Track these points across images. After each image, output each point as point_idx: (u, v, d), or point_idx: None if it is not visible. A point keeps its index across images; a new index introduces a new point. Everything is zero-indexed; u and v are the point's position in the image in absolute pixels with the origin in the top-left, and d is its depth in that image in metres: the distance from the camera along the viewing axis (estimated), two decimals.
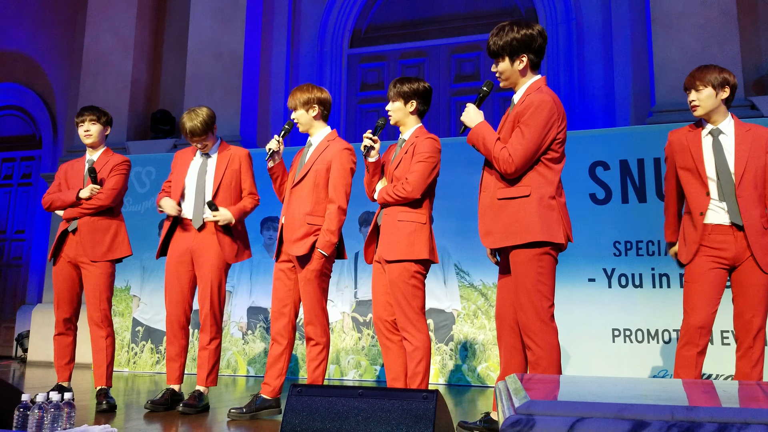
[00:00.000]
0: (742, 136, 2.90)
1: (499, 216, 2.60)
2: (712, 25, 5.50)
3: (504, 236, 2.58)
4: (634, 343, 4.68)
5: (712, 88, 2.89)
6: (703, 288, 2.84)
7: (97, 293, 3.61)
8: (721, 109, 2.92)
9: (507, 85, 2.74)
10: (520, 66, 2.66)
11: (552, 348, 2.53)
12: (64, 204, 3.67)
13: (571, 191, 4.66)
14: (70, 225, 3.66)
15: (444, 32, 6.97)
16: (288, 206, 3.29)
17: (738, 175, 2.84)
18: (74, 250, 3.64)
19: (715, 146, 2.91)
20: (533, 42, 2.64)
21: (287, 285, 3.31)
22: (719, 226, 2.86)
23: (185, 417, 3.25)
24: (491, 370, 4.95)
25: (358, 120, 7.14)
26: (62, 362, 3.67)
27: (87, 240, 3.62)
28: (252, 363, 5.54)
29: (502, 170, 2.58)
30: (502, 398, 1.42)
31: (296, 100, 3.34)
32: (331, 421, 1.74)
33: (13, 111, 8.47)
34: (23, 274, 7.99)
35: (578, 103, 6.25)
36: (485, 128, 2.67)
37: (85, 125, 3.74)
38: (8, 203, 8.24)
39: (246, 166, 3.67)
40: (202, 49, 6.95)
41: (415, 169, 2.96)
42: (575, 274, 4.83)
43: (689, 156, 2.93)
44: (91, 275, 3.62)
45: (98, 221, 3.67)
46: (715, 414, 1.11)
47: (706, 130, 2.95)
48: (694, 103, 2.93)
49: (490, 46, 2.69)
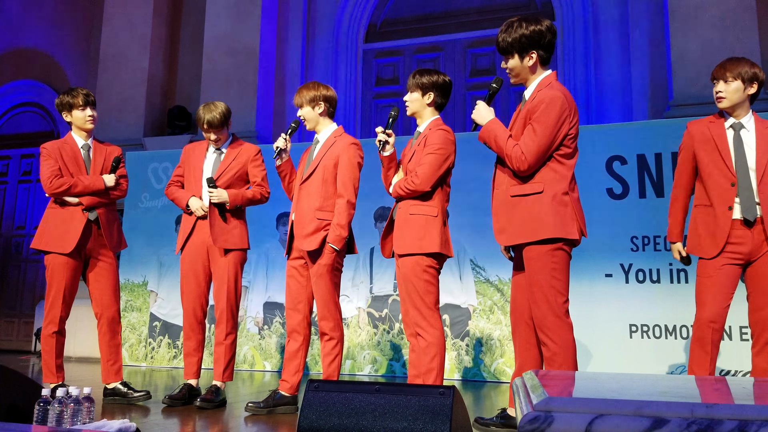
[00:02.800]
0: (763, 132, 2.86)
1: (512, 213, 2.60)
2: (730, 17, 5.42)
3: (518, 233, 2.58)
4: (651, 338, 4.65)
5: (741, 81, 2.84)
6: (716, 283, 2.81)
7: (113, 285, 3.56)
8: (745, 104, 2.88)
9: (517, 81, 2.72)
10: (530, 62, 2.65)
11: (567, 344, 2.52)
12: (91, 190, 3.49)
13: (588, 186, 4.63)
14: (90, 215, 3.50)
15: (459, 26, 6.94)
16: (297, 203, 3.32)
17: (759, 170, 2.80)
18: (92, 240, 3.52)
19: (735, 140, 2.87)
20: (542, 38, 2.62)
21: (300, 282, 3.34)
22: (736, 221, 2.83)
23: (203, 412, 3.28)
24: (507, 366, 4.94)
25: (373, 115, 7.13)
26: (59, 361, 3.48)
27: (107, 230, 3.55)
28: (268, 358, 5.57)
29: (515, 168, 2.58)
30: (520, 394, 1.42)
31: (302, 98, 3.38)
32: (347, 417, 1.75)
33: (32, 107, 8.57)
34: (42, 270, 8.08)
35: (595, 97, 6.20)
36: (496, 125, 2.66)
37: (89, 110, 3.59)
38: (27, 199, 8.34)
39: (255, 161, 3.66)
40: (217, 45, 6.98)
41: (424, 161, 2.93)
42: (592, 269, 4.79)
43: (714, 147, 2.88)
44: (106, 268, 3.56)
45: (110, 212, 3.62)
46: (735, 411, 1.10)
47: (728, 123, 2.90)
48: (720, 94, 2.87)
49: (499, 42, 2.68)
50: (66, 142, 3.61)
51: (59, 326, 3.47)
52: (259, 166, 3.67)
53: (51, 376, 3.47)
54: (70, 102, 3.58)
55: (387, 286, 5.39)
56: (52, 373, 3.47)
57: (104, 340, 3.56)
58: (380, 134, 3.04)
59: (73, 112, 3.58)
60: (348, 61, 7.17)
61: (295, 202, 3.34)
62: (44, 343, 3.48)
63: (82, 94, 3.58)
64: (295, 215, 3.30)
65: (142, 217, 6.17)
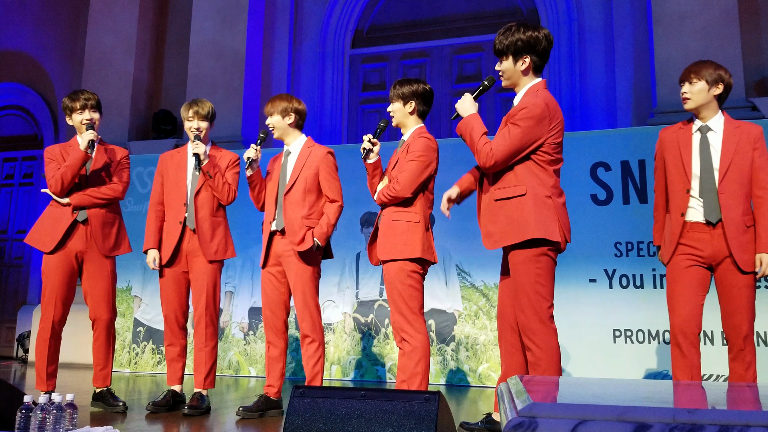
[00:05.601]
0: (731, 132, 2.87)
1: (497, 216, 2.62)
2: (713, 26, 5.50)
3: (502, 236, 2.60)
4: (635, 343, 4.69)
5: (705, 82, 2.88)
6: (683, 286, 2.84)
7: (106, 290, 3.49)
8: (712, 105, 2.91)
9: (508, 84, 2.75)
10: (523, 66, 2.67)
11: (552, 349, 2.53)
12: (75, 164, 3.37)
13: (573, 192, 4.66)
14: (78, 215, 3.44)
15: (446, 33, 6.98)
16: (285, 212, 3.37)
17: (722, 171, 2.82)
18: (82, 242, 3.45)
19: (702, 143, 2.90)
20: (538, 44, 2.65)
21: (278, 289, 3.41)
22: (696, 224, 2.85)
23: (188, 418, 3.25)
24: (492, 371, 4.95)
25: (360, 121, 7.14)
26: (51, 368, 3.39)
27: (98, 233, 3.47)
28: (253, 363, 5.55)
29: (481, 163, 2.63)
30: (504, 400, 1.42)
31: (275, 107, 3.47)
32: (333, 423, 1.75)
33: (15, 111, 8.48)
34: (24, 274, 8.00)
35: (579, 103, 6.26)
36: (475, 121, 2.68)
37: (87, 113, 3.52)
38: (9, 203, 8.25)
39: (233, 167, 3.64)
40: (203, 49, 6.96)
41: (405, 168, 2.98)
42: (576, 274, 4.83)
43: (678, 152, 2.93)
44: (100, 271, 3.47)
45: (106, 214, 3.53)
46: (716, 416, 1.12)
47: (695, 127, 2.94)
48: (686, 95, 2.93)
49: (495, 44, 2.72)
50: (69, 145, 3.57)
51: (52, 331, 3.38)
52: (234, 170, 3.65)
53: (41, 383, 3.39)
54: (69, 105, 3.55)
55: (373, 292, 5.39)
56: (42, 380, 3.39)
57: (95, 345, 3.52)
58: (365, 142, 3.08)
59: (73, 115, 3.54)
60: (335, 66, 7.18)
61: (281, 212, 3.39)
62: (36, 349, 3.41)
63: (82, 98, 3.53)
64: (285, 225, 3.35)
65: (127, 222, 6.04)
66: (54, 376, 3.44)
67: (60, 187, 3.39)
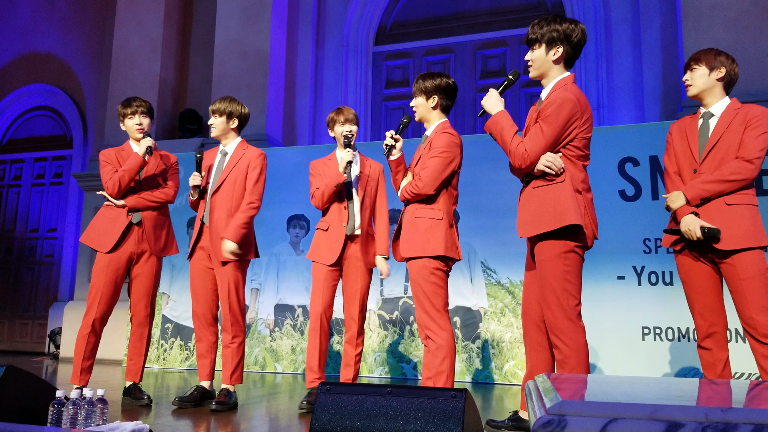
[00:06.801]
0: (728, 114, 2.81)
1: (533, 203, 2.59)
2: (744, 18, 5.39)
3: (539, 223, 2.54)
4: (664, 341, 4.62)
5: (705, 67, 2.84)
6: (690, 288, 2.83)
7: (149, 290, 3.65)
8: (715, 91, 2.85)
9: (536, 75, 2.71)
10: (555, 56, 2.64)
11: (580, 347, 2.50)
12: (133, 168, 3.55)
13: (600, 188, 4.60)
14: (133, 217, 3.60)
15: (469, 28, 6.93)
16: (211, 213, 3.55)
17: (705, 152, 2.78)
18: (136, 243, 3.61)
19: (702, 129, 2.86)
20: (573, 35, 2.63)
21: (207, 281, 3.60)
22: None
23: (215, 414, 3.29)
24: (518, 368, 4.92)
25: (383, 118, 7.14)
26: (87, 364, 3.49)
27: (151, 234, 3.64)
28: (279, 360, 5.59)
29: (516, 165, 2.60)
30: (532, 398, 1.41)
31: (222, 109, 3.62)
32: (359, 419, 1.75)
33: (45, 111, 8.65)
34: (55, 272, 8.15)
35: (607, 98, 6.17)
36: (505, 119, 2.65)
37: (137, 118, 3.69)
38: (40, 202, 8.41)
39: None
40: (228, 49, 7.02)
41: (428, 165, 2.94)
42: (604, 271, 4.77)
43: (685, 138, 2.89)
44: (146, 271, 3.64)
45: (158, 216, 3.70)
46: (750, 416, 1.09)
47: (701, 114, 2.90)
48: (687, 82, 2.90)
49: (528, 34, 2.69)
50: (123, 149, 3.73)
51: (92, 328, 3.48)
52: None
53: (75, 378, 3.50)
54: (122, 111, 3.72)
55: (397, 289, 5.39)
56: (76, 375, 3.50)
57: (131, 340, 3.70)
58: (388, 138, 3.06)
59: (125, 120, 3.71)
60: (358, 63, 7.18)
61: (209, 211, 3.57)
62: (76, 344, 3.53)
63: (134, 104, 3.70)
64: (210, 224, 3.54)
65: None
66: (89, 372, 3.54)
67: (117, 189, 3.56)
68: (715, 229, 2.66)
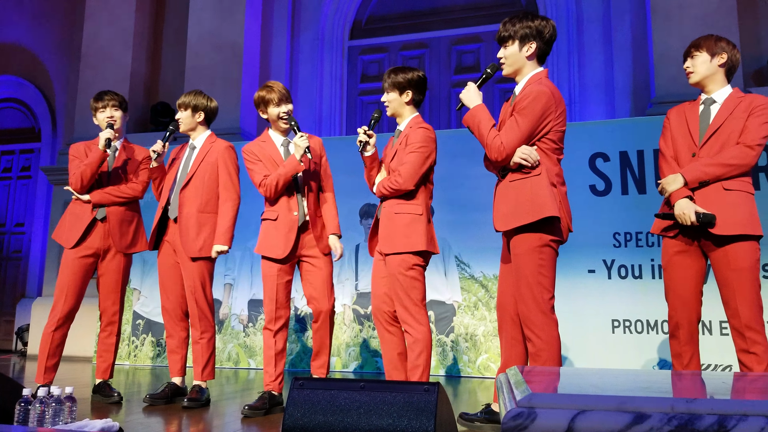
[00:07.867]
0: (731, 101, 2.79)
1: (510, 197, 2.59)
2: (711, 16, 5.49)
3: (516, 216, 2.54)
4: (633, 333, 4.70)
5: (707, 53, 2.82)
6: (670, 276, 2.81)
7: (116, 286, 3.60)
8: (717, 77, 2.83)
9: (509, 72, 2.72)
10: (528, 52, 2.66)
11: (552, 340, 2.53)
12: (95, 162, 3.46)
13: (571, 183, 4.63)
14: (97, 213, 3.54)
15: (445, 23, 6.95)
16: (180, 207, 3.50)
17: (705, 137, 2.76)
18: (100, 239, 3.55)
19: (703, 114, 2.83)
20: (545, 31, 2.65)
21: (175, 276, 3.56)
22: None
23: (187, 411, 3.26)
24: (492, 362, 4.96)
25: (359, 112, 7.13)
26: (52, 362, 3.43)
27: (116, 230, 3.57)
28: (253, 356, 5.56)
29: (492, 158, 2.61)
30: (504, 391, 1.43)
31: (187, 102, 3.59)
32: (333, 414, 1.75)
33: (12, 104, 8.46)
34: (23, 268, 8.00)
35: (578, 94, 6.24)
36: (483, 112, 2.66)
37: (108, 111, 3.63)
38: (7, 196, 8.24)
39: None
40: (202, 41, 6.93)
41: (406, 160, 2.95)
42: (575, 265, 4.83)
43: (684, 122, 2.86)
44: (113, 267, 3.58)
45: (125, 212, 3.64)
46: (714, 406, 1.12)
47: (701, 100, 2.88)
48: (689, 69, 2.87)
49: (500, 31, 2.70)
50: (94, 143, 3.62)
51: (59, 322, 3.43)
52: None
53: (39, 377, 3.44)
54: (94, 105, 3.67)
55: None
56: (40, 373, 3.44)
57: (100, 337, 3.64)
58: (361, 135, 3.05)
59: (97, 114, 3.65)
60: (333, 57, 7.16)
61: (179, 207, 3.51)
62: (41, 341, 3.47)
63: (105, 98, 3.65)
64: (179, 219, 3.50)
65: None
66: (54, 371, 3.48)
67: (80, 184, 3.50)
68: (710, 215, 2.63)
